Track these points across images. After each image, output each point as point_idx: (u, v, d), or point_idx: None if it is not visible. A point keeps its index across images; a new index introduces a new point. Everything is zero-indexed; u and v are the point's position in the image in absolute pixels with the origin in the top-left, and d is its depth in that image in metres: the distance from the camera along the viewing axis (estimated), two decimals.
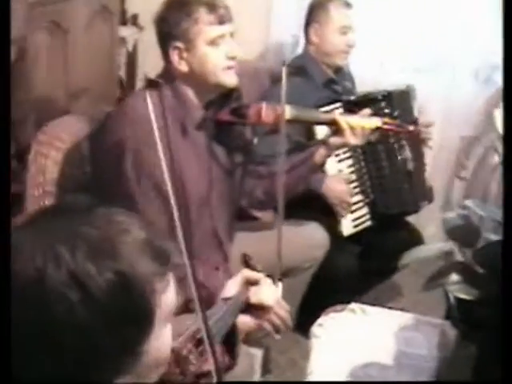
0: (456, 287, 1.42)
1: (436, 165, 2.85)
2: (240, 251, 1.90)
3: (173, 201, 1.62)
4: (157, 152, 1.58)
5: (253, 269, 1.20)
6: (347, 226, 2.27)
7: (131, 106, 1.63)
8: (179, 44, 1.64)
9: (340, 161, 2.25)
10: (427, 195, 2.37)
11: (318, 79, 2.33)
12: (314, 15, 2.37)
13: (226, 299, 1.10)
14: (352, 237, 2.29)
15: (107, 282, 0.64)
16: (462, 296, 1.41)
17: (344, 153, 2.24)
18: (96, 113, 1.69)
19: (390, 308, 1.90)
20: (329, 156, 1.89)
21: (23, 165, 1.81)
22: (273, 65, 2.61)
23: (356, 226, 2.29)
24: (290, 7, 2.80)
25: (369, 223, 2.32)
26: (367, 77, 2.65)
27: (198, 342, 0.93)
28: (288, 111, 1.69)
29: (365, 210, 2.31)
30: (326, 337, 1.69)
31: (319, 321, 1.73)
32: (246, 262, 1.24)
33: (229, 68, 1.67)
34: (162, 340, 0.72)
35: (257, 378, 1.76)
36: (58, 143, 1.76)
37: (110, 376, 0.67)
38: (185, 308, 0.89)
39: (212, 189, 1.75)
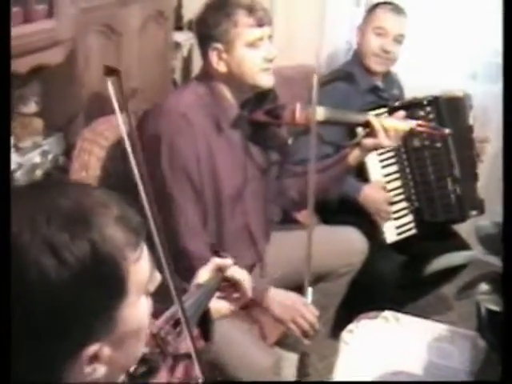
0: (486, 297, 1.36)
1: (491, 177, 2.75)
2: (272, 250, 1.91)
3: (206, 194, 1.66)
4: (190, 145, 1.63)
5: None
6: (391, 233, 2.22)
7: (166, 103, 1.68)
8: (218, 45, 1.67)
9: (384, 166, 2.22)
10: (476, 205, 2.28)
11: (364, 85, 2.30)
12: (364, 18, 2.36)
13: (198, 285, 1.13)
14: (396, 245, 2.24)
15: (79, 248, 0.67)
16: (492, 307, 1.35)
17: (389, 158, 2.21)
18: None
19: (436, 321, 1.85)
20: (363, 158, 1.87)
21: (70, 161, 1.89)
22: (324, 70, 2.61)
23: (400, 234, 2.24)
24: (344, 14, 2.78)
25: (414, 231, 2.27)
26: (420, 86, 2.59)
27: (176, 323, 0.96)
28: (321, 112, 1.69)
29: (409, 218, 2.26)
30: (354, 343, 1.66)
31: (350, 327, 1.70)
32: (216, 252, 1.28)
33: (266, 70, 1.69)
34: (137, 311, 0.74)
35: (281, 379, 1.75)
36: (101, 140, 1.82)
37: (81, 339, 0.69)
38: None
39: (246, 186, 1.77)
